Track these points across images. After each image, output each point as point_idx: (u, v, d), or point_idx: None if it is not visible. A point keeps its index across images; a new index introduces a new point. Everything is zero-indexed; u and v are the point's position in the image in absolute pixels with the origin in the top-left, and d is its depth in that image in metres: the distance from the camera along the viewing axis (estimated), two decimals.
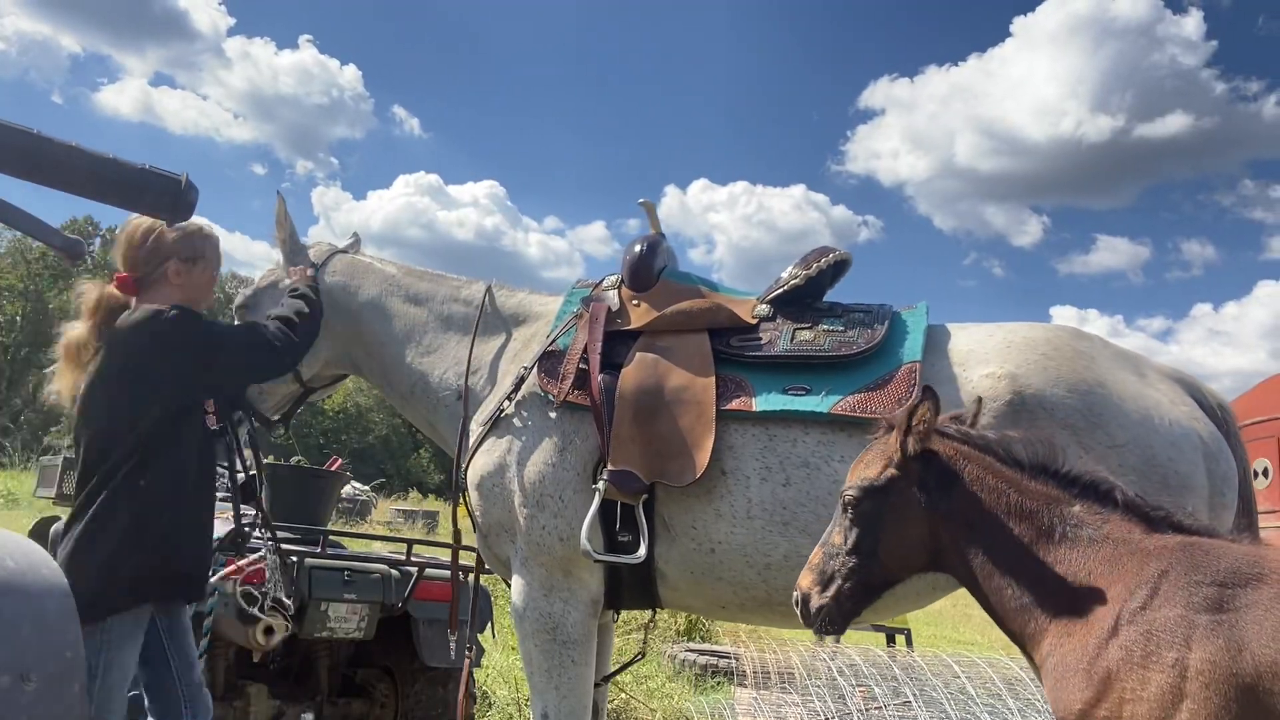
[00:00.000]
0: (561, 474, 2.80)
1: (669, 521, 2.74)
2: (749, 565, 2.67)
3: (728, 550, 2.68)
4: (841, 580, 2.09)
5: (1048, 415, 2.53)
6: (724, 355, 2.83)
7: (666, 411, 2.73)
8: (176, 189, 1.92)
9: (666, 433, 2.71)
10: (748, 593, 2.73)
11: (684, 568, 2.76)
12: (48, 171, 1.74)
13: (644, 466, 2.68)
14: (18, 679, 1.03)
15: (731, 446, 2.69)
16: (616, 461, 2.68)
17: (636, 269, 3.08)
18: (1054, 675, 1.93)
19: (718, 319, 2.91)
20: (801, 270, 2.96)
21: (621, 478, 2.66)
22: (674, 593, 2.85)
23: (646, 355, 2.85)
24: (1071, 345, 2.68)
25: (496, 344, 3.20)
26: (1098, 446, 2.48)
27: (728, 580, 2.72)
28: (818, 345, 2.77)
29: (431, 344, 3.26)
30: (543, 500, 2.80)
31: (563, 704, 2.82)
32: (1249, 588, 1.79)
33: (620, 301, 3.03)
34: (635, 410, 2.74)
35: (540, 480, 2.81)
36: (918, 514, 2.09)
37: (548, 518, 2.79)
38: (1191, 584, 1.82)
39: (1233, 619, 1.75)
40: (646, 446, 2.70)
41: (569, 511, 2.77)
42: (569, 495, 2.78)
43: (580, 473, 2.78)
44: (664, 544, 2.74)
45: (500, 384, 3.07)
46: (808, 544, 2.58)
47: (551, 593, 2.83)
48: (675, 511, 2.72)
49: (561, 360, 2.90)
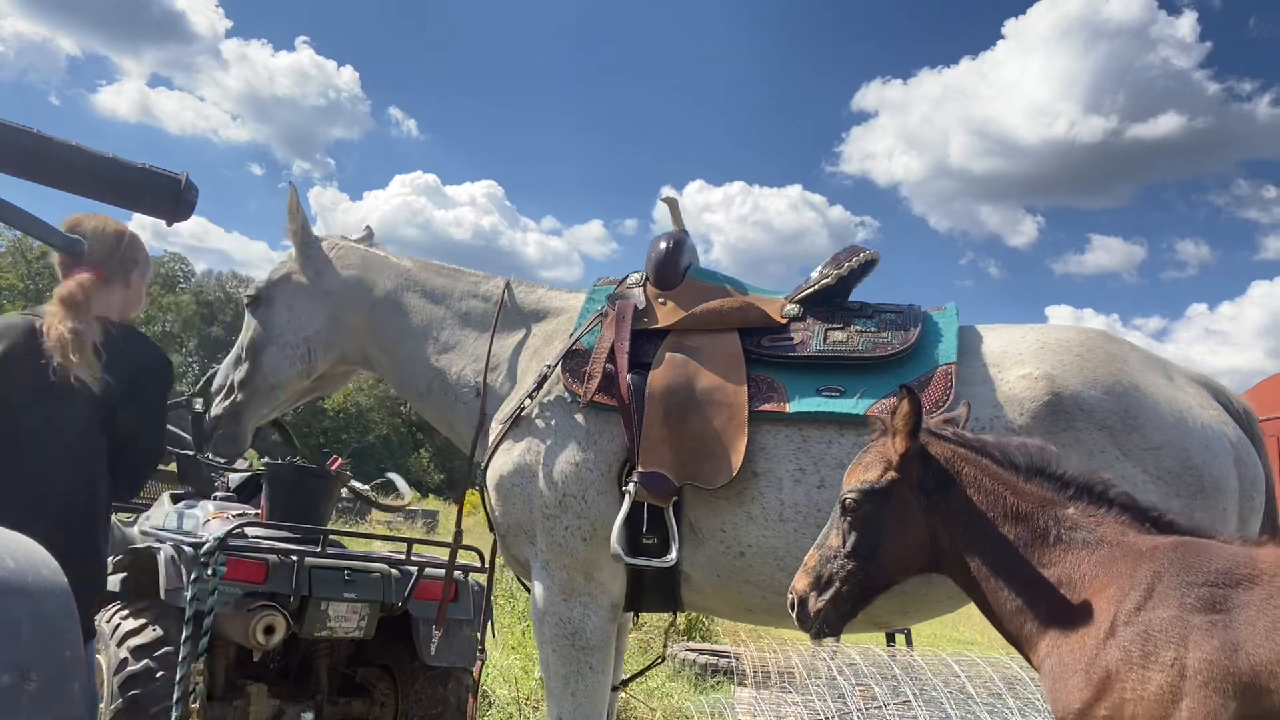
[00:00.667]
0: (585, 475, 2.74)
1: (696, 524, 2.68)
2: (780, 568, 2.62)
3: (759, 553, 2.63)
4: (840, 583, 2.08)
5: (1086, 416, 2.51)
6: (755, 355, 2.78)
7: (698, 412, 2.68)
8: (177, 188, 1.92)
9: (698, 434, 2.65)
10: (778, 596, 2.66)
11: (711, 571, 2.71)
12: (49, 171, 1.75)
13: (675, 468, 2.63)
14: (18, 678, 1.03)
15: (764, 448, 2.65)
16: (647, 463, 2.63)
17: (663, 266, 3.02)
18: (1052, 676, 1.94)
19: (749, 318, 2.86)
20: (833, 270, 2.90)
21: (652, 480, 2.61)
22: (698, 596, 2.80)
23: (676, 355, 2.79)
24: (1104, 348, 2.67)
25: (516, 341, 3.14)
26: (1135, 449, 2.47)
27: (756, 584, 2.68)
28: (851, 346, 2.72)
29: (449, 340, 3.20)
30: (565, 501, 2.74)
31: (578, 711, 2.77)
32: (1243, 587, 1.80)
33: (646, 300, 2.97)
34: (666, 411, 2.69)
35: (563, 481, 2.75)
36: (917, 516, 2.09)
37: (570, 519, 2.74)
38: (1186, 584, 1.83)
39: (1228, 618, 1.77)
40: (678, 448, 2.65)
41: (592, 513, 2.72)
42: (592, 496, 2.73)
43: (604, 474, 2.73)
44: (690, 547, 2.68)
45: (521, 382, 3.00)
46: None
47: (572, 597, 2.78)
48: (703, 514, 2.67)
49: (586, 359, 2.83)
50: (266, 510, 4.31)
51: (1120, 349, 2.70)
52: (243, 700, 3.92)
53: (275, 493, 4.41)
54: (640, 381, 2.74)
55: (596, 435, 2.77)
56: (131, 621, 3.71)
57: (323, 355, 3.28)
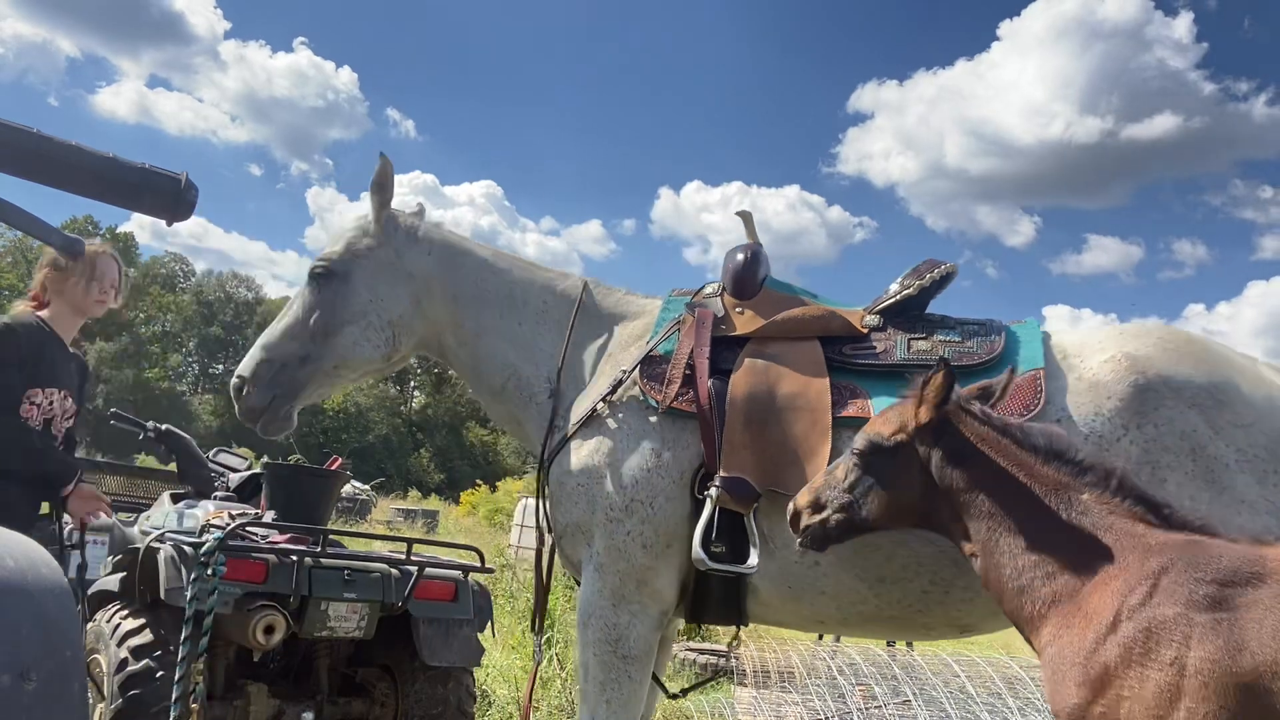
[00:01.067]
0: (656, 480, 2.72)
1: (768, 533, 2.65)
2: (859, 579, 2.60)
3: (834, 563, 2.60)
4: (831, 511, 2.27)
5: (1175, 395, 2.50)
6: (836, 363, 2.78)
7: (779, 418, 2.67)
8: (176, 188, 1.92)
9: (780, 440, 2.64)
10: (854, 608, 2.66)
11: (781, 582, 2.68)
12: (48, 171, 1.75)
13: (757, 474, 2.61)
14: (18, 678, 1.02)
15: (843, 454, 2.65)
16: (729, 468, 2.61)
17: (741, 277, 3.03)
18: (1052, 667, 1.94)
19: (830, 326, 2.87)
20: (915, 280, 2.92)
21: (735, 485, 2.59)
22: (765, 608, 2.78)
23: (757, 361, 2.79)
24: (1183, 334, 2.69)
25: (592, 343, 3.11)
26: (1226, 426, 2.46)
27: (831, 594, 2.65)
28: (936, 355, 2.71)
29: (526, 338, 3.14)
30: (632, 505, 2.72)
31: (611, 718, 2.75)
32: (1249, 587, 1.79)
33: (724, 309, 2.98)
34: (747, 417, 2.68)
35: (633, 485, 2.73)
36: (914, 480, 2.19)
37: (635, 523, 2.72)
38: (1192, 582, 1.82)
39: (1232, 618, 1.76)
40: (760, 454, 2.64)
41: (658, 519, 2.70)
42: (660, 503, 2.71)
43: (676, 480, 2.71)
44: (761, 558, 2.64)
45: (596, 384, 2.99)
46: (929, 552, 2.53)
47: (620, 603, 2.75)
48: (777, 522, 2.62)
49: (665, 365, 2.82)
50: (266, 510, 4.31)
51: (1201, 337, 2.72)
52: (243, 700, 3.92)
53: (275, 493, 4.41)
54: (721, 387, 2.73)
55: (672, 441, 2.75)
56: (131, 621, 3.71)
57: (406, 340, 3.16)
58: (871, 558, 2.57)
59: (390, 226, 3.17)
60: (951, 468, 2.14)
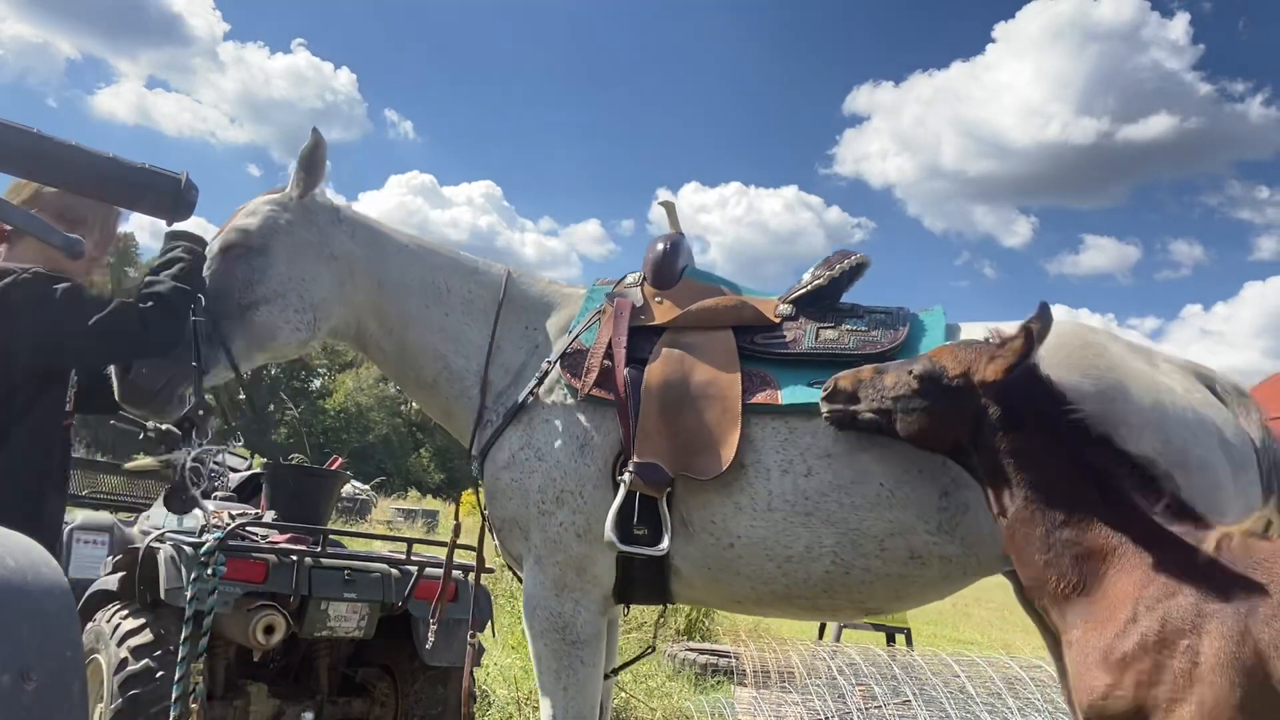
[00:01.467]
0: (583, 469, 2.78)
1: (687, 517, 2.73)
2: (769, 558, 2.68)
3: (747, 544, 2.69)
4: (866, 408, 2.37)
5: None
6: (748, 352, 2.85)
7: (692, 406, 2.74)
8: (177, 188, 1.92)
9: (693, 427, 2.71)
10: (766, 587, 2.75)
11: (701, 563, 2.76)
12: (49, 170, 1.75)
13: (670, 459, 2.68)
14: (18, 678, 1.02)
15: (751, 440, 2.71)
16: (643, 454, 2.68)
17: (660, 267, 3.09)
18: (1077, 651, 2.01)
19: (743, 316, 2.93)
20: (825, 271, 2.98)
21: (648, 470, 2.65)
22: (687, 588, 2.85)
23: (672, 350, 2.86)
24: (1083, 336, 2.72)
25: (520, 333, 3.12)
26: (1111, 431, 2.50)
27: (746, 575, 2.73)
28: (842, 344, 2.80)
29: (453, 329, 3.09)
30: (562, 496, 2.78)
31: (570, 705, 2.81)
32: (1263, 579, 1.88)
33: (643, 298, 3.03)
34: (661, 404, 2.74)
35: (562, 475, 2.79)
36: (958, 424, 2.24)
37: (566, 514, 2.78)
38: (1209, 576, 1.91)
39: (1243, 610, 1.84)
40: (673, 440, 2.71)
41: (588, 508, 2.76)
42: (589, 491, 2.77)
43: (601, 468, 2.77)
44: (681, 540, 2.73)
45: (521, 376, 3.02)
46: (830, 534, 2.62)
47: (563, 592, 2.82)
48: (694, 507, 2.72)
49: (585, 356, 2.88)
50: (266, 510, 4.31)
51: (1099, 338, 2.74)
52: (243, 700, 3.93)
53: (275, 493, 4.41)
54: (637, 375, 2.79)
55: (594, 430, 2.81)
56: (131, 621, 3.71)
57: (325, 325, 2.98)
58: (780, 539, 2.66)
59: (313, 204, 3.03)
60: (1002, 430, 2.17)
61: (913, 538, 2.57)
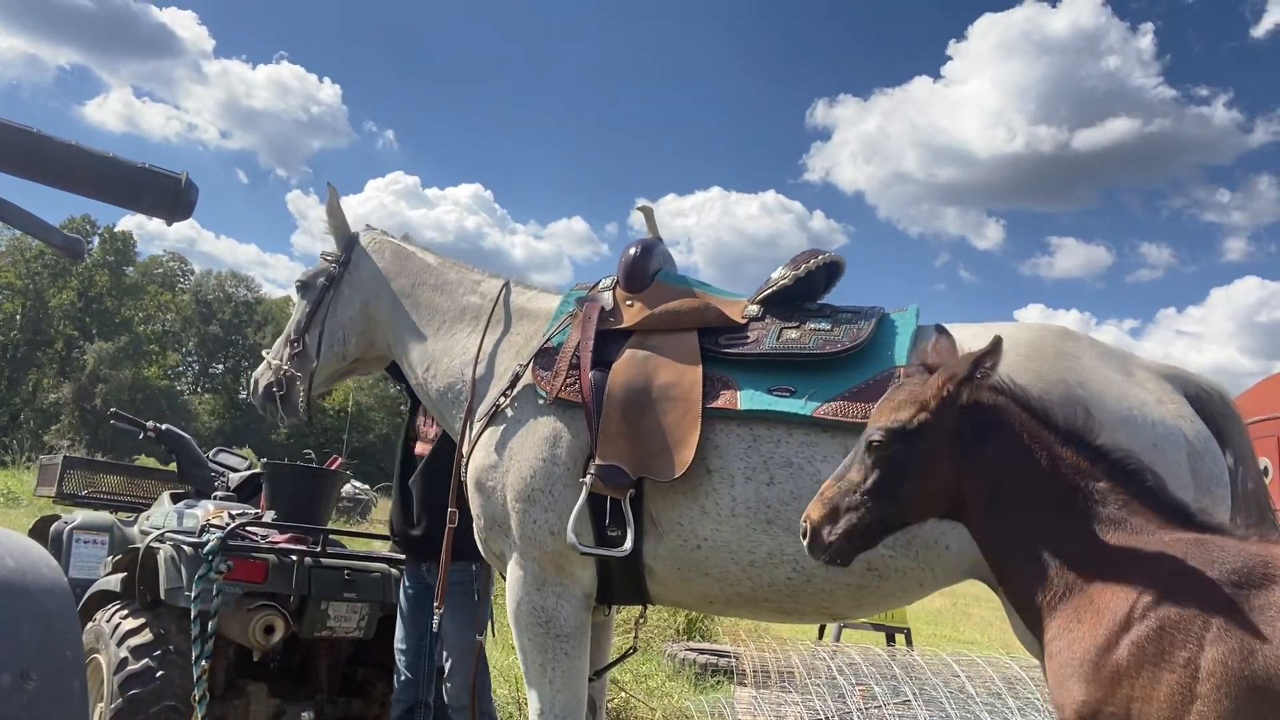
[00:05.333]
0: (553, 469, 2.84)
1: (656, 518, 2.77)
2: (734, 562, 2.71)
3: (713, 547, 2.72)
4: (857, 518, 2.05)
5: None
6: (711, 354, 2.87)
7: (654, 408, 2.77)
8: (176, 188, 1.92)
9: (653, 428, 2.75)
10: (733, 589, 2.77)
11: (671, 564, 2.79)
12: (48, 170, 1.74)
13: (631, 461, 2.72)
14: (18, 677, 1.03)
15: (717, 445, 2.73)
16: (604, 456, 2.73)
17: (631, 270, 3.14)
18: (1058, 662, 1.88)
19: (706, 318, 2.96)
20: (790, 271, 2.99)
21: (608, 472, 2.70)
22: (662, 588, 2.88)
23: (637, 353, 2.90)
24: (1055, 345, 2.67)
25: (505, 339, 3.26)
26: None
27: (714, 576, 2.76)
28: (802, 344, 2.79)
29: (447, 335, 3.36)
30: (534, 495, 2.85)
31: (557, 697, 2.86)
32: (1263, 589, 1.76)
33: (614, 302, 3.09)
34: (624, 406, 2.79)
35: (532, 475, 2.85)
36: (945, 463, 2.03)
37: (539, 512, 2.84)
38: (1206, 583, 1.78)
39: (1246, 620, 1.72)
40: (634, 442, 2.74)
41: (560, 506, 2.81)
42: (559, 490, 2.82)
43: (570, 468, 2.83)
44: (652, 540, 2.78)
45: (500, 380, 3.13)
46: (791, 543, 2.62)
47: (544, 587, 2.87)
48: (663, 508, 2.76)
49: (555, 357, 2.96)
50: (266, 510, 4.31)
51: (1074, 346, 2.69)
52: (243, 700, 3.93)
53: (275, 492, 4.41)
54: (601, 378, 2.84)
55: (563, 431, 2.87)
56: (131, 621, 3.71)
57: (355, 341, 3.57)
58: (744, 544, 2.67)
59: (348, 243, 3.65)
60: (973, 444, 2.02)
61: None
